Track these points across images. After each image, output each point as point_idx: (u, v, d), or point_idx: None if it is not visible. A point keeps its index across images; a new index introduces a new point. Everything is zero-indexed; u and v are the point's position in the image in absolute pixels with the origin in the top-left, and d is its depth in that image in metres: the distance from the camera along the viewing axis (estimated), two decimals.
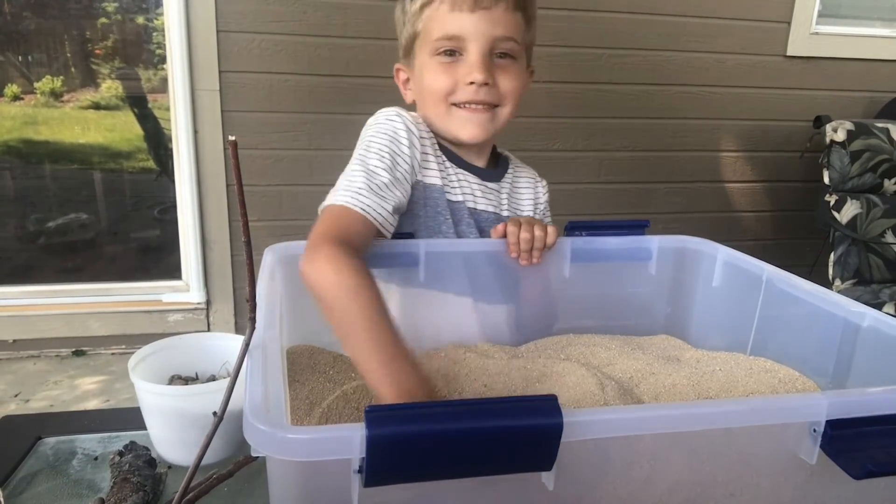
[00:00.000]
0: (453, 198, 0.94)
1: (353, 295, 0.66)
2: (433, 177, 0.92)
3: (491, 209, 0.98)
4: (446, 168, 0.94)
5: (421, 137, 0.91)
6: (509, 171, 1.02)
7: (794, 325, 0.83)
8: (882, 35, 2.69)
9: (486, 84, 0.88)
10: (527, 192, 1.04)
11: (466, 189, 0.96)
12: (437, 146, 0.94)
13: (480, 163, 0.99)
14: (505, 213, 0.99)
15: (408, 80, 0.99)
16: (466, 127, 0.91)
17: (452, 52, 0.89)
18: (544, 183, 1.06)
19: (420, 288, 0.88)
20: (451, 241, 0.91)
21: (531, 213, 1.03)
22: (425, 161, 0.92)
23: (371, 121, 0.91)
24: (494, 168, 1.01)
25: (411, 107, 0.98)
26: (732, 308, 0.91)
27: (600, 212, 2.62)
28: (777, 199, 2.81)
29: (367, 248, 0.79)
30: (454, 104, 0.91)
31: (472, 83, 0.88)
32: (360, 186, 0.80)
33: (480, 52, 0.87)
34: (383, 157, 0.85)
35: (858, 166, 2.21)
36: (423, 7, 0.90)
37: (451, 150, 0.96)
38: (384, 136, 0.88)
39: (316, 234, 0.73)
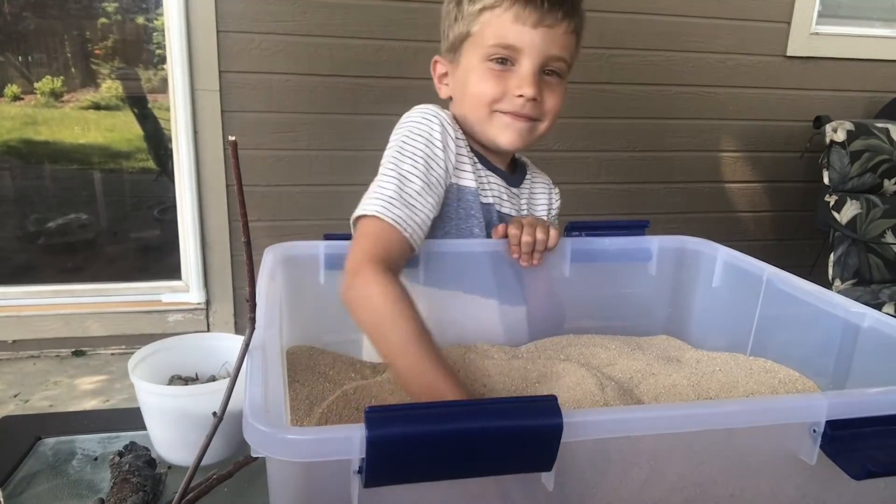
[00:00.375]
0: (485, 200, 0.94)
1: (398, 322, 0.69)
2: (468, 179, 0.92)
3: (514, 212, 0.98)
4: (478, 170, 0.94)
5: (456, 139, 0.91)
6: (527, 176, 1.02)
7: (794, 325, 0.83)
8: (882, 35, 2.69)
9: (533, 100, 0.87)
10: (542, 197, 1.04)
11: (496, 191, 0.96)
12: (469, 148, 0.93)
13: (503, 166, 0.98)
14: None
15: (445, 74, 0.97)
16: (507, 133, 0.90)
17: (504, 60, 0.88)
18: (557, 191, 1.06)
19: (420, 288, 0.88)
20: (451, 241, 0.91)
21: (544, 218, 1.02)
22: (460, 163, 0.91)
23: (405, 118, 0.90)
24: (513, 173, 1.01)
25: (444, 102, 0.97)
26: (732, 308, 0.91)
27: (600, 212, 2.62)
28: (777, 200, 2.81)
29: (403, 261, 0.79)
30: (497, 111, 0.90)
31: (520, 96, 0.87)
32: (391, 195, 0.80)
33: (534, 68, 0.87)
34: (417, 161, 0.84)
35: (858, 166, 2.21)
36: (482, 10, 0.88)
37: (479, 153, 0.95)
38: (419, 137, 0.87)
39: (353, 260, 0.75)
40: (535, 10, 0.85)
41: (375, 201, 0.80)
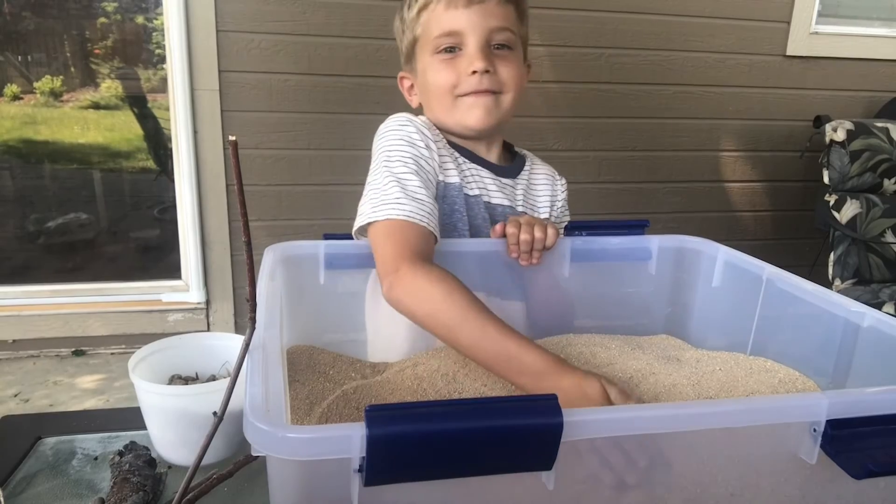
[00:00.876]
0: (470, 192, 0.95)
1: (450, 300, 0.71)
2: (452, 175, 0.94)
3: (507, 202, 0.99)
4: (461, 164, 0.96)
5: (435, 140, 0.93)
6: (526, 167, 1.03)
7: (794, 325, 0.83)
8: (881, 35, 2.69)
9: (487, 71, 0.90)
10: (544, 188, 1.04)
11: (481, 183, 0.97)
12: (448, 145, 0.96)
13: (492, 158, 1.00)
14: (520, 208, 1.00)
15: (412, 86, 1.01)
16: (473, 112, 0.92)
17: (452, 48, 0.91)
18: (563, 181, 1.07)
19: None
20: (450, 241, 0.91)
21: (547, 210, 1.04)
22: (443, 161, 0.93)
23: (382, 129, 0.93)
24: (510, 165, 1.02)
25: (418, 111, 0.99)
26: (732, 308, 0.91)
27: (600, 212, 2.62)
28: (777, 199, 2.81)
29: (431, 249, 0.81)
30: (459, 96, 0.92)
31: (474, 72, 0.90)
32: (396, 196, 0.81)
33: (479, 43, 0.90)
34: (407, 162, 0.87)
35: (858, 166, 2.21)
36: (420, 11, 0.93)
37: (462, 147, 0.97)
38: (401, 142, 0.89)
39: (386, 263, 0.76)
40: None
41: (382, 206, 0.81)
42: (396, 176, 0.84)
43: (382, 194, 0.82)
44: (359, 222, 0.83)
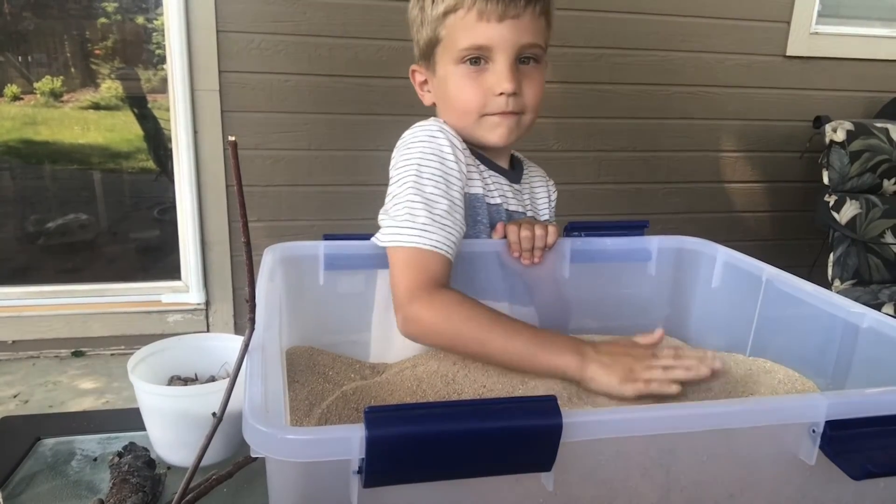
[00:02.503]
0: (492, 201, 0.94)
1: (473, 321, 0.73)
2: (476, 186, 0.91)
3: (521, 209, 0.98)
4: (482, 172, 0.93)
5: (462, 150, 0.90)
6: (525, 171, 1.03)
7: (793, 325, 0.83)
8: (881, 35, 2.69)
9: (514, 94, 0.87)
10: (541, 191, 1.04)
11: (500, 191, 0.95)
12: (470, 153, 0.93)
13: (504, 164, 0.98)
14: (529, 213, 0.99)
15: (425, 81, 0.97)
16: (496, 131, 0.89)
17: (478, 59, 0.87)
18: (553, 183, 1.06)
19: None
20: None
21: (547, 213, 1.03)
22: (469, 171, 0.90)
23: (410, 137, 0.88)
24: (513, 169, 1.01)
25: (430, 110, 0.96)
26: (732, 308, 0.91)
27: (600, 212, 2.62)
28: (777, 199, 2.81)
29: (448, 276, 0.80)
30: (485, 115, 0.89)
31: (501, 94, 0.86)
32: (424, 222, 0.79)
33: (508, 61, 0.86)
34: (437, 182, 0.83)
35: (858, 166, 2.21)
36: (446, 13, 0.87)
37: (481, 154, 0.95)
38: (433, 157, 0.85)
39: (404, 293, 0.77)
40: (497, 3, 0.83)
41: (410, 231, 0.79)
42: (426, 197, 0.81)
43: (410, 215, 0.80)
44: (384, 241, 0.81)
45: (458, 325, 0.73)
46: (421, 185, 0.82)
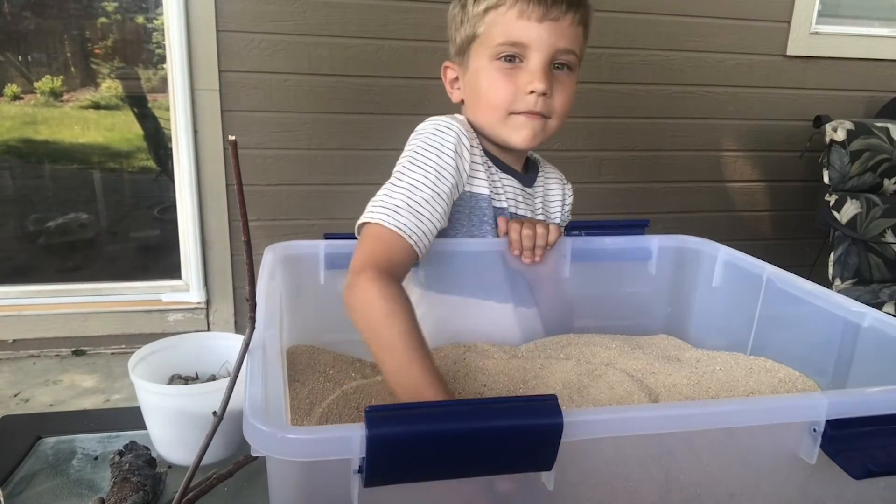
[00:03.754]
0: (499, 204, 0.93)
1: (390, 322, 0.69)
2: (481, 186, 0.91)
3: (529, 213, 0.97)
4: (492, 175, 0.93)
5: (471, 147, 0.90)
6: (540, 174, 1.02)
7: (794, 324, 0.83)
8: (882, 35, 2.69)
9: (544, 94, 0.87)
10: (556, 193, 1.03)
11: (510, 195, 0.95)
12: (484, 153, 0.93)
13: (518, 167, 0.98)
14: (539, 217, 0.99)
15: (456, 79, 0.96)
16: (521, 132, 0.89)
17: (513, 57, 0.87)
18: (570, 186, 1.06)
19: (420, 287, 0.88)
20: (451, 240, 0.91)
21: (559, 216, 1.02)
22: (474, 171, 0.90)
23: (420, 129, 0.89)
24: (527, 172, 1.00)
25: (455, 107, 0.96)
26: (732, 308, 0.91)
27: (600, 212, 2.62)
28: (777, 199, 2.81)
29: (406, 268, 0.79)
30: (512, 113, 0.89)
31: (532, 92, 0.86)
32: (397, 203, 0.80)
33: (543, 62, 0.86)
34: (427, 172, 0.83)
35: (858, 166, 2.21)
36: (487, 10, 0.87)
37: (494, 155, 0.94)
38: (431, 149, 0.85)
39: (356, 262, 0.75)
40: (539, 4, 0.84)
41: (381, 209, 0.79)
42: (409, 183, 0.82)
43: (388, 197, 0.81)
44: (360, 219, 0.82)
45: (376, 321, 0.70)
46: (409, 172, 0.83)
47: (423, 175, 0.83)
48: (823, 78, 2.68)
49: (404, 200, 0.80)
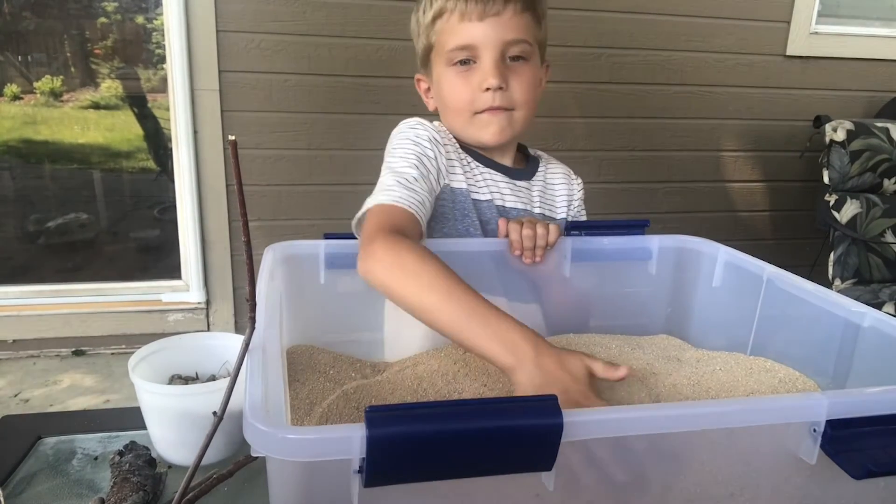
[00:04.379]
0: (480, 197, 0.96)
1: (422, 265, 0.68)
2: (458, 180, 0.94)
3: (521, 206, 0.99)
4: (472, 169, 0.96)
5: (444, 144, 0.94)
6: (540, 168, 1.04)
7: (794, 324, 0.83)
8: (881, 35, 2.69)
9: (500, 88, 0.89)
10: (561, 188, 1.05)
11: (493, 188, 0.97)
12: (459, 150, 0.96)
13: (507, 161, 1.00)
14: (536, 210, 1.01)
15: (429, 88, 1.01)
16: (488, 129, 0.93)
17: (466, 60, 0.91)
18: (579, 180, 1.08)
19: None
20: (453, 240, 0.91)
21: (564, 210, 1.05)
22: (451, 166, 0.94)
23: (395, 132, 0.94)
24: (524, 167, 1.03)
25: (434, 115, 1.00)
26: (732, 308, 0.91)
27: (600, 212, 2.61)
28: (777, 199, 2.81)
29: (414, 235, 0.80)
30: (475, 113, 0.92)
31: (487, 89, 0.89)
32: (390, 185, 0.83)
33: (493, 59, 0.89)
34: (409, 158, 0.88)
35: (858, 166, 2.21)
36: (434, 19, 0.91)
37: (476, 152, 0.98)
38: (408, 141, 0.91)
39: (366, 235, 0.75)
40: (476, 3, 0.87)
41: (375, 195, 0.83)
42: (394, 170, 0.86)
43: (379, 186, 0.85)
44: (357, 216, 0.83)
45: (409, 269, 0.68)
46: (392, 164, 0.88)
47: (406, 161, 0.87)
48: (823, 78, 2.68)
49: (395, 181, 0.84)
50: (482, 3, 0.87)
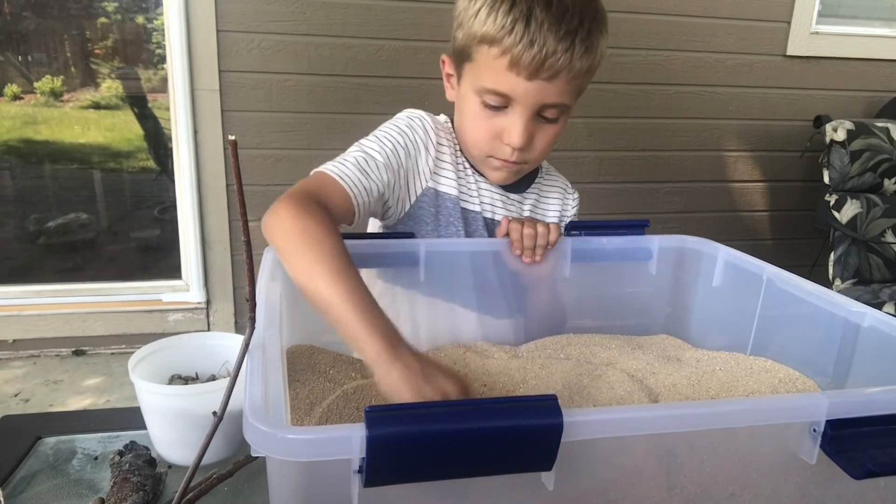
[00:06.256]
0: (470, 206, 0.94)
1: (315, 241, 0.66)
2: (449, 185, 0.92)
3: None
4: (467, 177, 0.94)
5: (439, 144, 0.91)
6: (537, 180, 1.01)
7: (794, 325, 0.83)
8: (882, 35, 2.69)
9: (522, 150, 0.85)
10: (555, 202, 1.03)
11: (486, 199, 0.96)
12: (458, 153, 0.94)
13: None
14: None
15: (450, 75, 0.92)
16: (497, 172, 0.91)
17: (497, 106, 0.83)
18: (576, 195, 1.04)
19: (420, 287, 0.88)
20: (452, 240, 0.91)
21: (555, 222, 1.02)
22: (440, 168, 0.91)
23: (395, 116, 0.93)
24: (519, 180, 0.98)
25: (450, 107, 0.94)
26: (732, 308, 0.91)
27: (600, 212, 2.62)
28: (777, 199, 2.81)
29: (338, 213, 0.78)
30: (489, 156, 0.88)
31: (509, 145, 0.84)
32: (346, 160, 0.83)
33: (525, 118, 0.82)
34: (384, 144, 0.87)
35: (858, 166, 2.21)
36: (482, 41, 0.80)
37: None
38: (394, 128, 0.90)
39: (288, 192, 0.73)
40: (531, 60, 0.77)
41: (330, 162, 0.82)
42: (363, 147, 0.86)
43: (341, 156, 0.84)
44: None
45: (308, 237, 0.66)
46: (367, 142, 0.87)
47: (379, 146, 0.86)
48: (823, 78, 2.68)
49: (355, 158, 0.83)
50: (538, 64, 0.77)
